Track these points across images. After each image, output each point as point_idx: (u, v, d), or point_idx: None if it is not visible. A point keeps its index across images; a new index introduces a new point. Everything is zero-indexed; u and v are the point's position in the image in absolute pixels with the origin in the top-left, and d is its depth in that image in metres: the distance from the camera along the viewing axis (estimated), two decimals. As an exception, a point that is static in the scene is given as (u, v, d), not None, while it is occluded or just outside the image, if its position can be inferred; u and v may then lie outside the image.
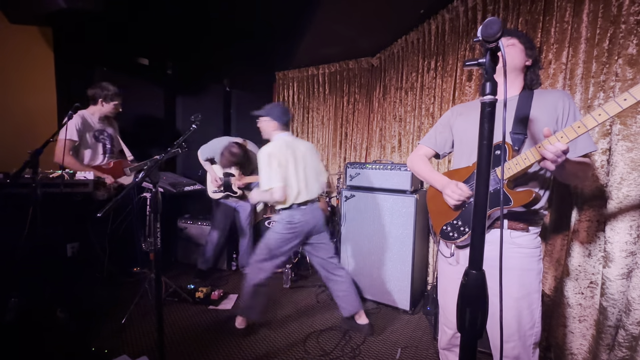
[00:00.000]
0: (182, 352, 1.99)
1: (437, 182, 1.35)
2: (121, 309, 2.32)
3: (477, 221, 0.64)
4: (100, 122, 2.67)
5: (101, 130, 2.67)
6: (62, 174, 2.07)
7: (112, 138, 2.75)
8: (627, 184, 1.42)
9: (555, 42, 1.84)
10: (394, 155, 3.53)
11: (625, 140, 1.43)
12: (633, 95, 0.89)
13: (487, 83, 0.59)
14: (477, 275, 0.63)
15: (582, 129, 0.97)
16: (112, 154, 2.75)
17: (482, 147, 0.62)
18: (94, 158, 2.63)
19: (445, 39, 2.82)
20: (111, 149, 2.73)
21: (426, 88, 3.04)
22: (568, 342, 1.71)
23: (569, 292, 1.70)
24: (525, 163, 1.08)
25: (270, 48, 3.93)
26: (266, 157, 2.05)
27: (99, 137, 2.65)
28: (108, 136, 2.71)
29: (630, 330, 1.38)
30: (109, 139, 2.72)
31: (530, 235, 1.21)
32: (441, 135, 1.45)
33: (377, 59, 4.00)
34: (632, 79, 1.42)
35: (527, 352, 1.19)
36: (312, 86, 4.68)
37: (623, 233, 1.44)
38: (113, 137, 2.76)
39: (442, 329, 1.43)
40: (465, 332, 0.64)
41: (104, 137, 2.68)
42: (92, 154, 2.60)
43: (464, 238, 1.24)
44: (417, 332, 2.30)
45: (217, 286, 2.91)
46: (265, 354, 2.00)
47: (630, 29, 1.44)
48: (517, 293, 1.17)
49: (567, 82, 1.78)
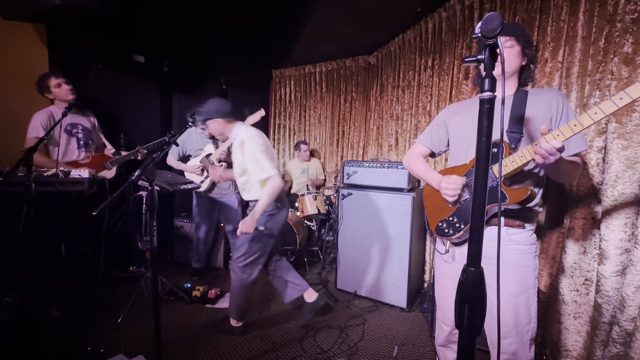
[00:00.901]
0: (178, 351, 1.98)
1: (433, 180, 1.36)
2: (117, 308, 2.31)
3: (476, 218, 0.64)
4: (72, 115, 2.52)
5: (74, 124, 2.52)
6: (57, 172, 2.04)
7: (89, 131, 2.61)
8: (622, 181, 1.43)
9: (552, 41, 1.85)
10: (391, 153, 3.54)
11: (620, 139, 1.44)
12: (629, 95, 0.90)
13: (486, 80, 0.59)
14: (476, 272, 0.63)
15: (578, 127, 0.98)
16: (89, 147, 2.61)
17: (481, 144, 0.62)
18: (68, 153, 2.49)
19: (442, 37, 2.82)
20: (87, 142, 2.59)
21: (423, 86, 3.04)
22: (563, 339, 1.72)
23: (564, 289, 1.71)
24: (521, 161, 1.09)
25: (267, 46, 3.92)
26: (248, 144, 1.92)
27: (72, 130, 2.51)
28: (83, 129, 2.57)
29: (624, 327, 1.40)
30: (84, 132, 2.57)
31: (526, 232, 1.23)
32: (437, 133, 1.45)
33: (374, 57, 4.00)
34: (628, 77, 1.43)
35: (524, 347, 1.20)
36: (309, 84, 4.67)
37: (618, 230, 1.45)
38: (89, 130, 2.62)
39: (440, 325, 1.43)
40: (464, 329, 0.64)
41: (78, 131, 2.54)
42: (65, 149, 2.46)
43: (459, 234, 1.24)
44: (414, 329, 2.31)
45: (213, 285, 2.91)
46: (262, 352, 2.00)
47: (626, 27, 1.45)
48: (514, 289, 1.18)
49: (563, 80, 1.79)
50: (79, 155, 2.55)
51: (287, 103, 4.90)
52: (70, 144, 2.52)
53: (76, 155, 2.54)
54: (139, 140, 3.27)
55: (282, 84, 4.91)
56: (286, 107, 4.91)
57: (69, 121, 2.51)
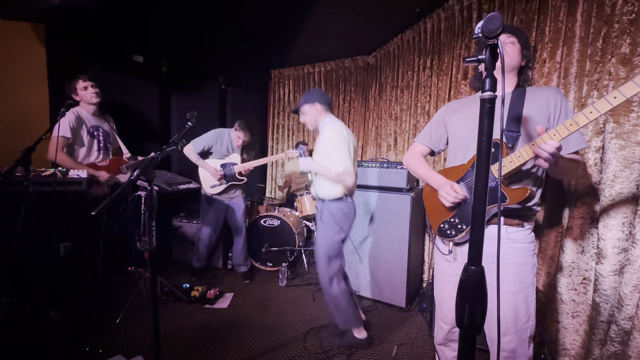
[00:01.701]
0: (178, 352, 1.97)
1: (433, 181, 1.36)
2: (116, 309, 2.30)
3: (476, 218, 0.64)
4: (95, 118, 2.62)
5: (96, 127, 2.62)
6: (55, 172, 2.04)
7: (108, 134, 2.70)
8: (620, 181, 1.44)
9: (550, 41, 1.86)
10: (389, 153, 3.54)
11: (618, 139, 1.45)
12: (623, 93, 0.91)
13: (487, 79, 0.59)
14: (476, 271, 0.63)
15: (574, 126, 0.99)
16: (108, 150, 2.70)
17: (482, 143, 0.62)
18: (89, 155, 2.58)
19: (440, 37, 2.83)
20: (106, 145, 2.68)
21: (422, 87, 3.05)
22: (561, 338, 1.73)
23: (562, 288, 1.72)
24: (519, 161, 1.10)
25: (265, 46, 3.91)
26: (336, 135, 1.88)
27: (94, 133, 2.60)
28: (103, 132, 2.66)
29: (622, 325, 1.41)
30: (104, 136, 2.67)
31: (525, 230, 1.24)
32: (436, 132, 1.46)
33: (373, 58, 4.01)
34: (625, 77, 1.44)
35: (523, 345, 1.21)
36: (308, 84, 4.67)
37: (616, 230, 1.46)
38: (109, 134, 2.71)
39: (439, 324, 1.44)
40: (465, 328, 0.64)
41: (99, 134, 2.63)
42: (86, 151, 2.55)
43: (461, 235, 1.25)
44: (413, 328, 2.32)
45: (212, 285, 2.90)
46: (262, 352, 1.99)
47: (624, 28, 1.46)
48: (513, 287, 1.19)
49: (561, 80, 1.80)
50: (97, 157, 2.61)
51: (286, 103, 4.90)
52: (93, 145, 2.59)
53: (95, 157, 2.61)
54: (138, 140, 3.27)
55: (281, 84, 4.91)
56: (285, 107, 4.91)
57: (92, 123, 2.59)
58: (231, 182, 2.98)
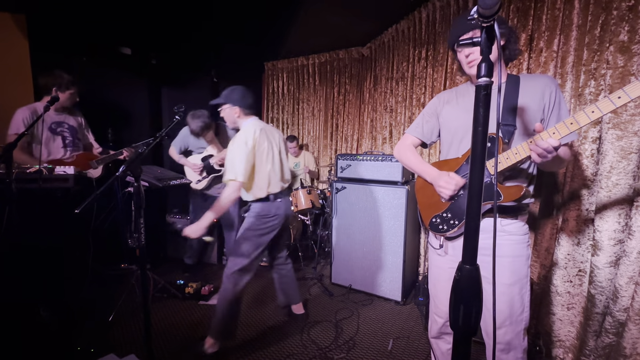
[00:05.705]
0: (171, 349, 1.95)
1: (427, 174, 1.33)
2: (108, 307, 2.27)
3: (471, 215, 0.61)
4: (58, 113, 2.45)
5: (59, 122, 2.44)
6: (40, 169, 1.97)
7: (76, 130, 2.54)
8: (617, 172, 1.42)
9: (547, 30, 1.82)
10: (385, 146, 3.51)
11: (615, 129, 1.42)
12: (627, 94, 0.87)
13: (482, 64, 0.55)
14: (471, 270, 0.60)
15: (574, 125, 0.96)
16: (77, 146, 2.54)
17: (477, 133, 0.58)
18: (53, 152, 2.42)
19: (436, 27, 2.77)
20: (73, 141, 2.51)
21: (417, 78, 3.00)
22: (556, 329, 1.73)
23: (557, 280, 1.71)
24: (516, 158, 1.07)
25: (258, 37, 3.83)
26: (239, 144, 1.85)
27: (57, 129, 2.43)
28: (69, 128, 2.49)
29: (617, 317, 1.40)
30: (70, 131, 2.49)
31: (519, 222, 1.22)
32: (428, 124, 1.42)
33: (367, 49, 3.94)
34: (623, 66, 1.41)
35: (519, 337, 1.20)
36: (302, 77, 4.60)
37: (612, 221, 1.45)
38: (76, 129, 2.54)
39: (433, 317, 1.42)
40: (459, 330, 0.61)
41: (64, 129, 2.46)
42: (49, 148, 2.40)
43: (453, 231, 1.23)
44: (409, 322, 2.31)
45: (207, 281, 2.87)
46: (258, 348, 1.98)
47: (622, 15, 1.42)
48: (508, 279, 1.18)
49: (558, 70, 1.76)
50: (64, 154, 2.48)
51: (279, 96, 4.82)
52: (55, 142, 2.44)
53: (61, 154, 2.47)
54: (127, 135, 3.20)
55: (275, 77, 4.83)
56: (279, 100, 4.84)
57: (54, 120, 2.44)
58: (212, 174, 2.92)
